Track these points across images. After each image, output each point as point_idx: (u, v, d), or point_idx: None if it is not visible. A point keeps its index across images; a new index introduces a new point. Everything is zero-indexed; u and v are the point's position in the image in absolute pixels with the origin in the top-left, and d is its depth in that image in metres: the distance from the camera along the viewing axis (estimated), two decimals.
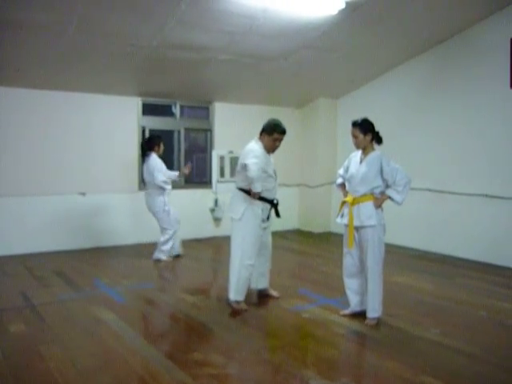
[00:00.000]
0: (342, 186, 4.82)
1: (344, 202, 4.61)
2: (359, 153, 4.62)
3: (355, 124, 4.52)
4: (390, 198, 4.45)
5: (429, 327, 4.43)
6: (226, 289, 5.92)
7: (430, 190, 7.78)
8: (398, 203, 4.44)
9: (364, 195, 4.45)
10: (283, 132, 4.95)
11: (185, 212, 8.08)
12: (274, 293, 5.34)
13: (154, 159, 6.94)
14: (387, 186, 4.46)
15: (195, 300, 5.26)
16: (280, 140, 4.97)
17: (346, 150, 9.45)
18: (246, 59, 7.35)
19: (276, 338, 4.22)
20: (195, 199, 8.80)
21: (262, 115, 9.49)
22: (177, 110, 8.86)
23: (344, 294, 4.74)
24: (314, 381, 3.42)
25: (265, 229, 5.08)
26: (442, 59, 7.61)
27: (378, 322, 4.49)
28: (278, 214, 5.16)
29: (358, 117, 4.60)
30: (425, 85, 7.94)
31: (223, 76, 7.95)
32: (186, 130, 9.00)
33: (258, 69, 7.78)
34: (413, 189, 8.05)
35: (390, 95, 8.53)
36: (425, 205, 7.86)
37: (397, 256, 7.42)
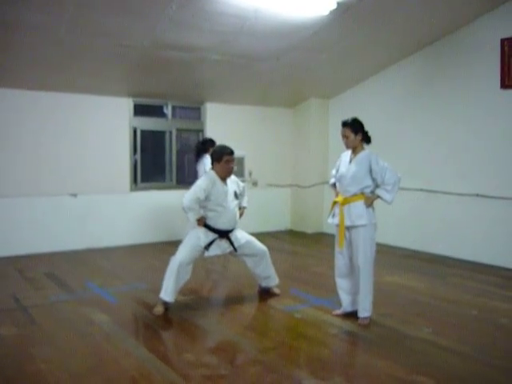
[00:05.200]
0: (335, 185, 4.82)
1: (335, 202, 4.61)
2: (349, 152, 4.61)
3: (346, 124, 4.51)
4: (379, 197, 4.45)
5: (421, 326, 4.44)
6: (217, 290, 5.95)
7: (421, 190, 7.81)
8: (387, 202, 4.44)
9: (354, 195, 4.44)
10: (232, 153, 5.03)
11: (176, 213, 8.06)
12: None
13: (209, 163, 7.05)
14: (377, 186, 4.46)
15: (188, 300, 5.25)
16: (233, 161, 5.03)
17: (337, 149, 9.44)
18: (237, 59, 7.35)
19: (268, 339, 4.21)
20: None
21: (253, 115, 9.58)
22: (168, 111, 8.84)
23: (336, 293, 4.75)
24: (307, 381, 3.42)
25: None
26: (433, 59, 7.64)
27: (370, 322, 4.50)
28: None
29: (350, 117, 4.60)
30: (416, 85, 7.97)
31: (215, 76, 7.94)
32: (178, 130, 8.98)
33: (250, 69, 7.78)
34: (405, 188, 8.11)
35: (381, 95, 8.56)
36: (417, 204, 7.88)
37: (388, 256, 7.44)
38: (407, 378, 3.45)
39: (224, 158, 4.93)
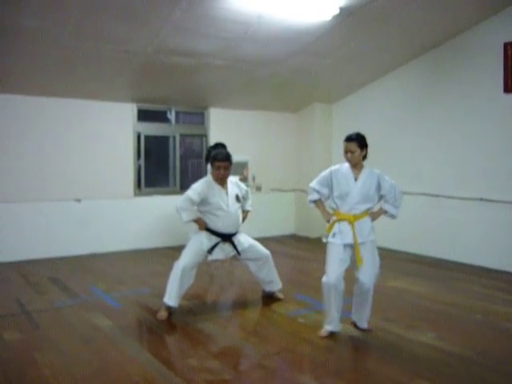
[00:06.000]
0: (319, 202, 4.49)
1: (335, 221, 4.31)
2: (345, 168, 4.36)
3: (351, 139, 4.30)
4: (386, 212, 4.40)
5: (424, 331, 4.43)
6: (221, 295, 5.95)
7: (425, 194, 7.80)
8: (394, 217, 4.41)
9: (364, 212, 4.31)
10: (223, 159, 4.95)
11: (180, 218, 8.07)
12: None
13: None
14: (384, 201, 4.40)
15: (191, 305, 5.25)
16: (224, 168, 4.94)
17: (341, 154, 9.44)
18: (241, 65, 7.37)
19: (272, 344, 4.21)
20: None
21: (257, 120, 9.59)
22: (172, 116, 8.87)
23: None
24: None
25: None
26: (436, 64, 7.64)
27: (374, 327, 4.49)
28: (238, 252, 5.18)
29: (354, 120, 4.62)
30: (419, 89, 7.97)
31: (218, 82, 7.96)
32: (182, 135, 9.01)
33: (253, 74, 7.80)
34: (408, 193, 8.11)
35: (384, 100, 8.56)
36: (420, 209, 7.87)
37: (392, 260, 7.42)
38: (411, 383, 3.44)
39: (215, 164, 4.94)
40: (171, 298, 4.79)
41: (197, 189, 4.89)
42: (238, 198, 5.10)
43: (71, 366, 3.71)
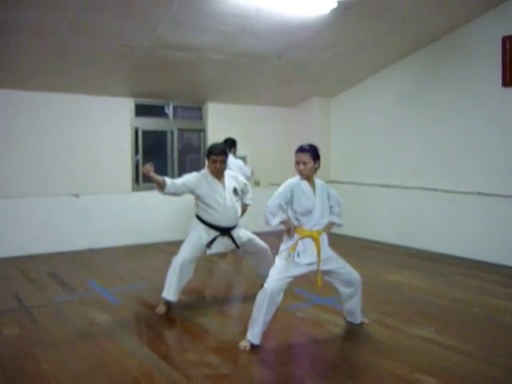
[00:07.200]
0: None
1: (299, 239, 4.11)
2: (303, 182, 4.17)
3: (304, 149, 4.17)
4: (333, 223, 4.30)
5: (423, 325, 4.44)
6: (220, 289, 5.96)
7: (423, 189, 7.79)
8: (341, 225, 4.35)
9: (323, 227, 4.19)
10: (218, 153, 4.95)
11: (178, 213, 8.08)
12: None
13: (234, 160, 7.08)
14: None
15: (190, 300, 5.25)
16: (219, 161, 4.94)
17: (339, 149, 9.46)
18: (239, 59, 7.35)
19: (271, 338, 4.21)
20: (189, 200, 8.76)
21: (255, 115, 9.58)
22: (170, 111, 8.84)
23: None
24: (309, 380, 3.42)
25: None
26: (434, 58, 7.62)
27: (373, 321, 4.50)
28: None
29: (352, 115, 4.61)
30: (417, 83, 7.96)
31: (216, 76, 7.94)
32: (180, 130, 8.98)
33: (251, 68, 7.78)
34: (406, 187, 8.11)
35: (382, 94, 8.54)
36: (418, 203, 7.87)
37: (391, 254, 7.43)
38: (410, 376, 3.45)
39: (210, 157, 4.97)
40: (170, 292, 4.79)
41: (188, 176, 5.08)
42: (235, 192, 5.10)
43: (70, 361, 3.71)
